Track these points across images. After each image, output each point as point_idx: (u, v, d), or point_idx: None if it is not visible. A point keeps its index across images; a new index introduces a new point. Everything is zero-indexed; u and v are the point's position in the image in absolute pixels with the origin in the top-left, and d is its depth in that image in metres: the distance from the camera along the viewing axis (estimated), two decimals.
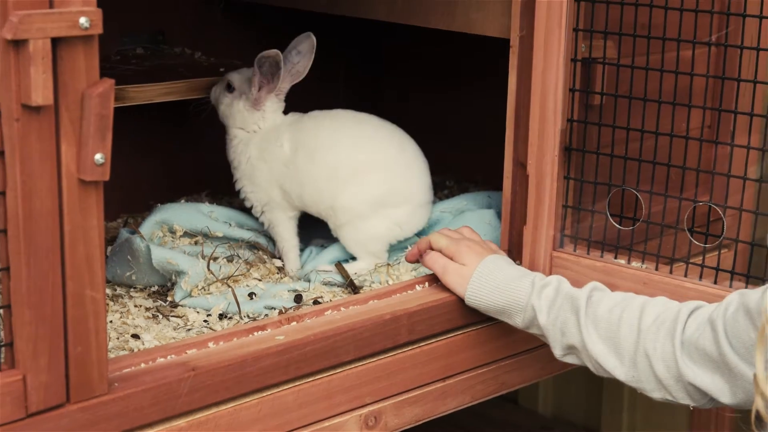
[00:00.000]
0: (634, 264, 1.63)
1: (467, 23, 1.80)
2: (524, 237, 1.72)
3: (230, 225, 1.99)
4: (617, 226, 1.68)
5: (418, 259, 1.76)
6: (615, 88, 1.66)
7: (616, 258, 1.64)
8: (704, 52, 1.78)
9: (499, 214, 1.84)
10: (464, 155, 2.26)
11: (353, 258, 1.90)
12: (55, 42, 1.18)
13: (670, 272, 1.60)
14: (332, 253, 1.90)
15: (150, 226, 1.92)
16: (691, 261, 1.60)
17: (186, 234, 1.93)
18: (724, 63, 1.70)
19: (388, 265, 1.86)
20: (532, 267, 1.71)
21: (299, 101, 2.10)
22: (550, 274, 1.67)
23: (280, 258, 1.93)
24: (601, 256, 1.65)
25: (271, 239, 1.99)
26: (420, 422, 1.66)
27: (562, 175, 1.67)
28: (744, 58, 1.58)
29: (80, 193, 1.24)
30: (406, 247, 1.90)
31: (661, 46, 1.60)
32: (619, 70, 1.65)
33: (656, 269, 1.61)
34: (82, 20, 1.19)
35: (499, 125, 1.74)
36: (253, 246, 1.95)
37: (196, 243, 1.91)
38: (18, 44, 1.16)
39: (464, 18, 1.80)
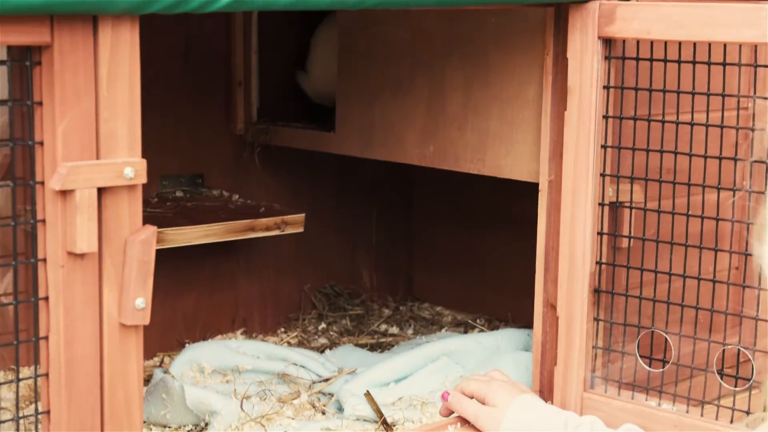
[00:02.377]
0: (665, 406, 1.61)
1: (497, 168, 1.82)
2: (555, 377, 1.70)
3: (258, 357, 1.99)
4: (647, 368, 1.67)
5: (450, 413, 1.72)
6: (642, 231, 1.66)
7: (647, 400, 1.63)
8: (729, 196, 1.79)
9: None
10: (494, 295, 2.26)
11: (385, 384, 1.87)
12: (101, 191, 1.20)
13: (701, 415, 1.58)
14: (363, 379, 1.87)
15: (179, 365, 1.93)
16: (721, 404, 1.59)
17: (215, 372, 1.93)
18: (749, 208, 1.71)
19: None
20: (564, 407, 1.68)
21: (333, 236, 2.11)
22: (582, 414, 1.66)
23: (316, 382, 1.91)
24: (632, 398, 1.63)
25: (303, 367, 1.97)
26: None
27: (592, 316, 1.67)
28: None
29: (121, 337, 1.25)
30: None
31: (687, 190, 1.62)
32: (646, 214, 1.66)
33: (687, 412, 1.59)
34: (127, 170, 1.22)
35: (528, 266, 1.75)
36: (284, 378, 1.94)
37: (227, 381, 1.91)
38: (65, 194, 1.18)
39: (494, 163, 1.82)
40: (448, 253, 2.37)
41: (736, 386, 1.67)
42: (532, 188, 1.72)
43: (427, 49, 1.92)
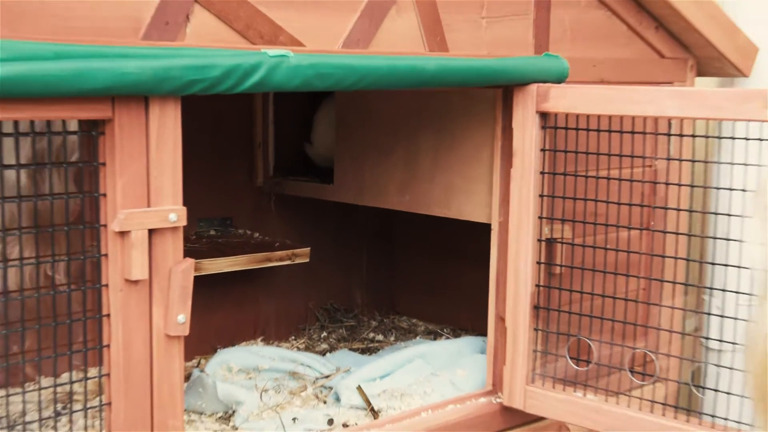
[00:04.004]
0: (589, 396, 1.62)
1: (459, 212, 1.82)
2: (504, 374, 1.70)
3: (274, 359, 1.99)
4: (575, 367, 1.67)
5: None
6: (571, 261, 1.68)
7: (575, 392, 1.63)
8: (638, 234, 1.80)
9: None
10: (457, 310, 2.26)
11: (373, 380, 1.85)
12: (151, 231, 1.21)
13: (617, 403, 1.58)
14: (356, 376, 1.85)
15: (212, 366, 1.93)
16: (631, 395, 1.59)
17: (240, 370, 1.93)
18: (653, 242, 1.72)
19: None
20: (511, 398, 1.69)
21: (332, 265, 2.11)
22: (525, 404, 1.66)
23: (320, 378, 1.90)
24: (563, 390, 1.64)
25: (309, 366, 1.97)
26: None
27: (533, 327, 1.68)
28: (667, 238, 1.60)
29: (166, 344, 1.25)
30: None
31: (605, 229, 1.63)
32: (574, 248, 1.67)
33: (606, 401, 1.59)
34: (171, 216, 1.22)
35: (483, 288, 1.75)
36: (294, 375, 1.94)
37: (250, 378, 1.91)
38: (123, 234, 1.19)
39: (457, 208, 1.82)
40: (422, 278, 2.38)
41: (643, 381, 1.68)
42: (486, 228, 1.72)
43: (404, 121, 1.93)
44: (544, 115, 1.62)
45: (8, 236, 1.24)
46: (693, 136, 1.68)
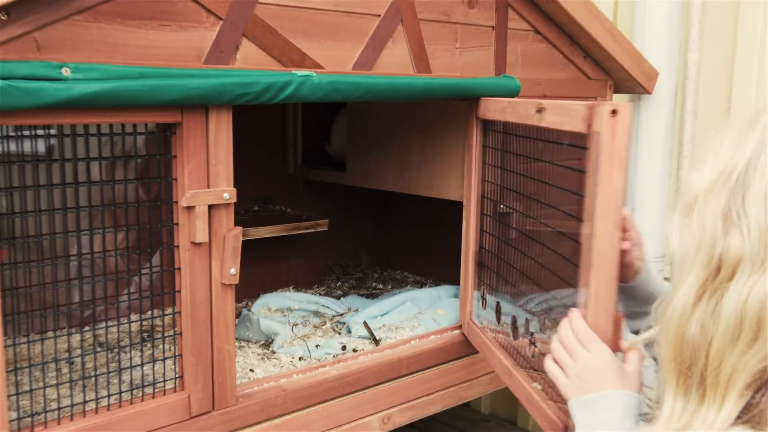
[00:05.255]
0: (490, 335, 1.58)
1: (440, 192, 1.82)
2: (465, 310, 1.70)
3: (302, 302, 2.01)
4: (484, 313, 1.65)
5: None
6: (508, 232, 1.60)
7: (488, 331, 1.58)
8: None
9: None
10: (437, 265, 2.26)
11: (375, 317, 1.86)
12: (210, 206, 1.22)
13: (500, 345, 1.50)
14: (363, 314, 1.87)
15: (257, 306, 1.95)
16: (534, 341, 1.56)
17: (277, 310, 1.95)
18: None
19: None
20: (467, 331, 1.66)
21: (345, 232, 2.09)
22: (469, 336, 1.61)
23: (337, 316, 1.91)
24: (481, 328, 1.62)
25: (328, 307, 1.98)
26: (413, 420, 1.64)
27: (475, 279, 1.67)
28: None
29: (222, 290, 1.26)
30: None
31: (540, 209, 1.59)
32: (516, 220, 1.59)
33: (493, 340, 1.53)
34: (225, 195, 1.23)
35: (457, 248, 1.74)
36: (317, 314, 1.95)
37: (284, 315, 1.92)
38: (189, 208, 1.20)
39: (438, 190, 1.82)
40: (412, 242, 2.38)
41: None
42: (459, 204, 1.72)
43: (398, 124, 1.93)
44: (483, 120, 1.60)
45: (97, 210, 1.24)
46: (559, 143, 1.62)
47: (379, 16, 1.40)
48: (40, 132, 1.27)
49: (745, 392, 0.79)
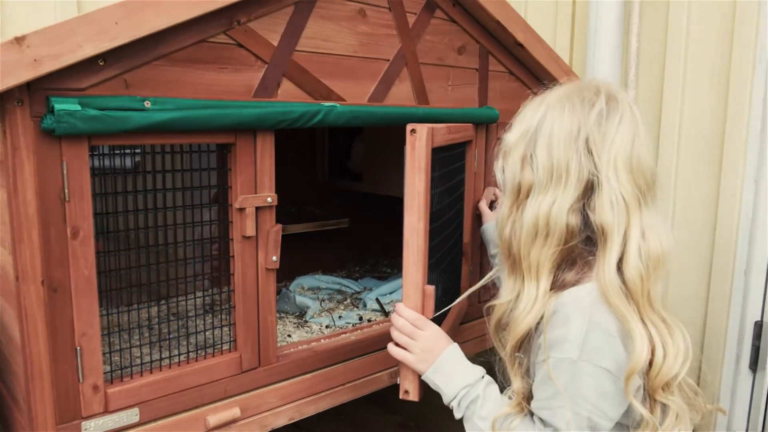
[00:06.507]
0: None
1: None
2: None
3: (328, 283, 2.00)
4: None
5: None
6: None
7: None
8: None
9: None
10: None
11: (383, 295, 1.85)
12: (257, 208, 1.21)
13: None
14: (375, 293, 1.86)
15: (293, 286, 1.95)
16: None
17: (309, 288, 1.95)
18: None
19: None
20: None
21: (361, 228, 2.07)
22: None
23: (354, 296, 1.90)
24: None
25: (348, 287, 1.96)
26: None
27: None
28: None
29: (266, 273, 1.25)
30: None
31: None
32: None
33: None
34: (269, 199, 1.23)
35: None
36: (340, 292, 1.94)
37: (314, 293, 1.92)
38: (241, 210, 1.19)
39: None
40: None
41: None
42: None
43: (401, 142, 1.92)
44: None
45: (171, 211, 1.24)
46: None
47: (389, 60, 1.40)
48: (128, 151, 1.28)
49: (551, 272, 0.94)
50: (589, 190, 0.92)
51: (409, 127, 1.08)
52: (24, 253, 0.97)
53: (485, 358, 1.12)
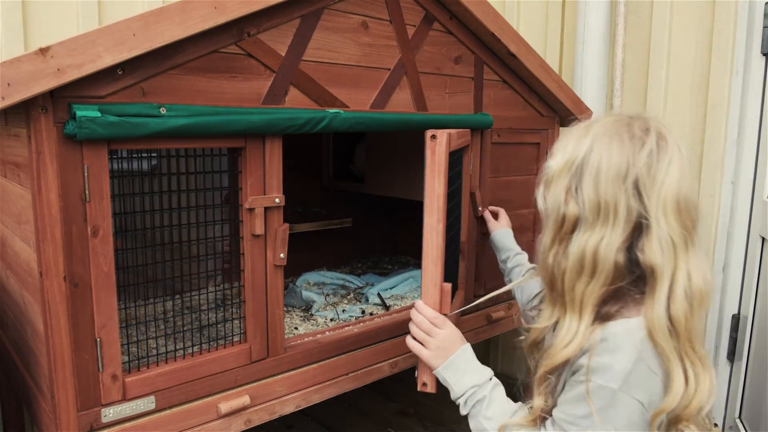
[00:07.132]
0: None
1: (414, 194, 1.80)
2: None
3: (332, 278, 1.99)
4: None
5: None
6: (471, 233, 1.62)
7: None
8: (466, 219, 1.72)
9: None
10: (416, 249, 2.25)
11: (385, 290, 1.84)
12: (266, 208, 1.21)
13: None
14: (377, 288, 1.86)
15: (299, 281, 1.93)
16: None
17: (314, 284, 1.94)
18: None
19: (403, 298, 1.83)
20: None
21: (364, 227, 2.07)
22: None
23: (358, 291, 1.89)
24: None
25: (351, 282, 1.96)
26: (413, 366, 1.58)
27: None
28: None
29: (274, 270, 1.24)
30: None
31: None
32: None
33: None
34: (277, 200, 1.22)
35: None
36: (343, 287, 1.94)
37: (320, 288, 1.91)
38: (251, 210, 1.19)
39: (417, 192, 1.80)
40: (413, 233, 2.36)
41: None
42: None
43: (403, 148, 1.92)
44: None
45: (186, 210, 1.24)
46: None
47: (390, 69, 1.39)
48: (145, 154, 1.27)
49: (594, 308, 0.88)
50: (637, 230, 0.86)
51: (428, 132, 1.06)
52: (47, 251, 0.97)
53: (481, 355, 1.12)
